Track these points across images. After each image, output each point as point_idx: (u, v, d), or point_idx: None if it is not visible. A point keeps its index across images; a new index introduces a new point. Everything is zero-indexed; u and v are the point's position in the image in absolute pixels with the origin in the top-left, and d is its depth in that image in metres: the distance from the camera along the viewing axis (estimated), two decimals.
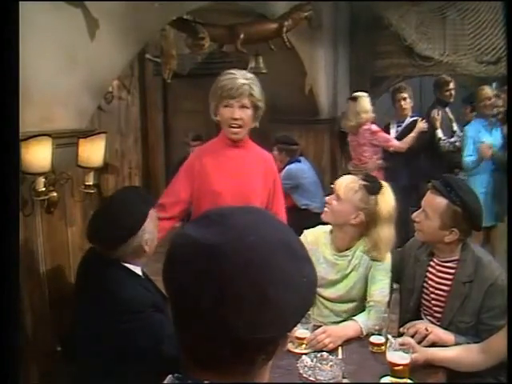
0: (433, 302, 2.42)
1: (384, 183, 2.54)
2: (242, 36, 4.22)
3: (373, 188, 2.49)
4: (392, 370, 1.94)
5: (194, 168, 2.77)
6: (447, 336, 2.25)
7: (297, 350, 2.16)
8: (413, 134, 5.11)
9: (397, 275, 2.60)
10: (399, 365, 1.92)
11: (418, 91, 8.17)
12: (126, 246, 2.08)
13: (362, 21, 6.83)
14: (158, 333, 1.98)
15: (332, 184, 2.63)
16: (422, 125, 5.15)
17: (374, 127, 5.17)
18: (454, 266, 2.36)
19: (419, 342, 2.19)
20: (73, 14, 2.50)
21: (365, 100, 5.19)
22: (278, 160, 5.91)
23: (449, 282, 2.36)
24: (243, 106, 2.63)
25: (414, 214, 2.44)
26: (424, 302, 2.46)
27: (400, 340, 2.04)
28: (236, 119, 2.64)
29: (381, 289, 2.46)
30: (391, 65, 6.94)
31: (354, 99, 5.22)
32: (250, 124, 2.71)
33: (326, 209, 2.57)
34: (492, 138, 4.87)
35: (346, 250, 2.56)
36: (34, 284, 2.46)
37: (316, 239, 2.63)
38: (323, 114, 6.51)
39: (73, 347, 2.20)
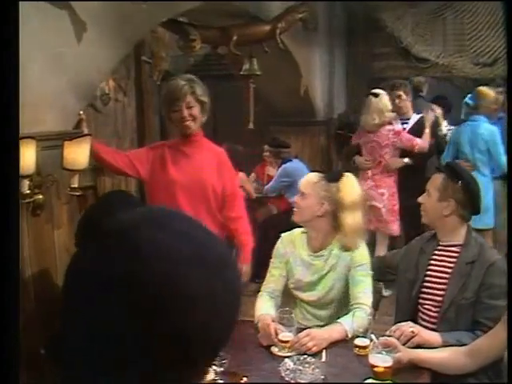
0: (435, 285, 2.46)
1: (346, 173, 2.57)
2: (234, 38, 4.22)
3: (331, 175, 2.54)
4: (373, 372, 1.93)
5: (156, 152, 3.03)
6: (433, 337, 2.26)
7: (280, 353, 2.16)
8: (427, 130, 4.95)
9: (396, 270, 2.66)
10: (381, 367, 1.91)
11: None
12: None
13: (359, 23, 6.84)
14: None
15: None
16: (430, 117, 5.01)
17: (398, 127, 4.99)
18: (458, 250, 2.44)
19: (404, 344, 2.19)
20: (60, 16, 2.50)
21: (385, 98, 4.94)
22: (271, 162, 5.92)
23: (452, 265, 2.43)
24: (189, 106, 2.90)
25: (419, 197, 2.56)
26: (425, 289, 2.49)
27: (383, 340, 2.04)
28: (185, 117, 2.91)
29: (363, 290, 2.46)
30: (388, 66, 6.95)
31: (376, 96, 4.94)
32: (200, 118, 2.98)
33: (294, 210, 2.59)
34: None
35: (322, 249, 2.56)
36: (20, 286, 2.45)
37: (292, 241, 2.64)
38: (319, 115, 6.51)
39: (60, 349, 2.19)
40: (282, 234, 2.72)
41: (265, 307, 2.49)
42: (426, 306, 2.49)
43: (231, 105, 6.64)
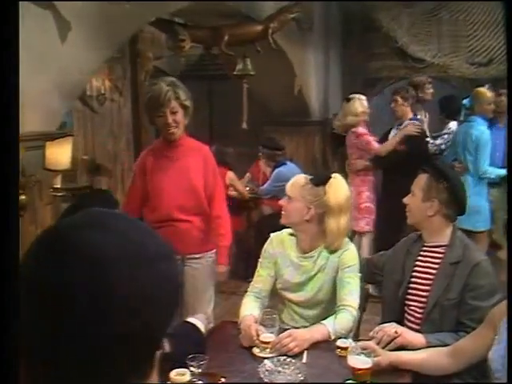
0: (420, 286, 2.44)
1: (335, 175, 2.54)
2: (226, 38, 4.21)
3: (318, 179, 2.50)
4: (353, 373, 1.92)
5: (144, 168, 3.05)
6: (417, 338, 2.25)
7: (261, 355, 2.15)
8: (395, 138, 4.96)
9: (382, 271, 2.64)
10: (359, 369, 1.90)
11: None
12: None
13: (355, 23, 6.84)
14: None
15: None
16: (409, 128, 4.97)
17: (361, 130, 5.07)
18: (443, 251, 2.42)
19: (387, 345, 2.18)
20: (43, 15, 2.49)
21: (357, 102, 5.08)
22: (264, 165, 5.91)
23: (436, 266, 2.41)
24: (173, 111, 2.91)
25: (404, 198, 2.55)
26: (410, 290, 2.48)
27: (361, 344, 2.03)
28: (169, 124, 2.91)
29: (350, 292, 2.44)
30: (384, 66, 6.96)
31: (348, 100, 5.16)
32: (183, 122, 3.00)
33: (282, 212, 2.58)
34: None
35: (311, 250, 2.54)
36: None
37: (282, 242, 2.62)
38: (314, 115, 6.50)
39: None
40: (272, 235, 2.70)
41: (249, 308, 2.48)
42: (412, 307, 2.48)
43: (227, 105, 6.64)
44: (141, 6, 2.92)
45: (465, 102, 5.05)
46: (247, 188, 5.88)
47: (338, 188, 2.50)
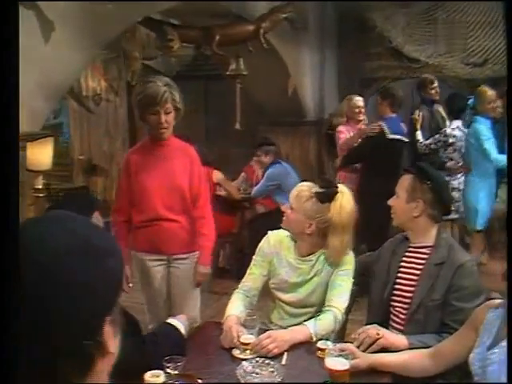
0: (405, 287, 2.43)
1: (342, 188, 2.46)
2: (217, 38, 4.20)
3: (324, 195, 2.42)
4: (330, 375, 1.91)
5: (130, 168, 3.07)
6: (399, 340, 2.24)
7: (241, 356, 2.13)
8: (352, 137, 5.09)
9: (369, 272, 2.63)
10: (337, 371, 1.89)
11: (410, 93, 8.15)
12: None
13: (350, 22, 6.81)
14: None
15: None
16: (364, 128, 5.08)
17: (340, 128, 5.27)
18: (428, 251, 2.41)
19: (369, 347, 2.17)
20: (27, 15, 2.48)
21: (344, 103, 5.30)
22: (260, 163, 5.88)
23: (421, 266, 2.40)
24: (167, 112, 2.95)
25: (389, 200, 2.53)
26: (395, 291, 2.47)
27: (340, 346, 2.02)
28: (162, 123, 2.95)
29: (339, 294, 2.42)
30: (380, 66, 6.94)
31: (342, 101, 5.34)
32: (172, 123, 3.04)
33: (284, 217, 2.55)
34: (494, 139, 4.75)
35: (310, 255, 2.52)
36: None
37: (279, 242, 2.59)
38: (309, 115, 6.49)
39: None
40: (269, 233, 2.66)
41: (235, 307, 2.45)
42: (397, 308, 2.47)
43: (223, 105, 6.63)
44: (127, 6, 2.92)
45: (470, 101, 5.07)
46: (240, 188, 5.87)
47: (344, 205, 2.41)
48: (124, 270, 0.93)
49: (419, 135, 5.21)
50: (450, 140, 5.07)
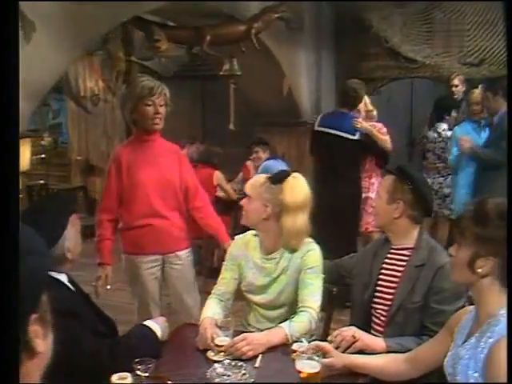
0: (385, 289, 2.42)
1: (295, 174, 2.52)
2: (208, 38, 4.20)
3: (275, 177, 2.49)
4: (300, 377, 1.90)
5: (121, 164, 3.09)
6: (377, 343, 2.23)
7: (215, 358, 2.12)
8: None
9: (351, 274, 2.62)
10: (307, 373, 1.88)
11: (409, 93, 8.13)
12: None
13: (347, 23, 6.79)
14: (72, 344, 1.95)
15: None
16: None
17: None
18: (409, 253, 2.40)
19: (345, 350, 2.15)
20: None
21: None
22: (258, 160, 5.87)
23: (402, 268, 2.39)
24: (161, 104, 3.07)
25: (372, 200, 2.49)
26: (377, 293, 2.46)
27: (314, 344, 2.01)
28: (159, 113, 3.05)
29: (311, 293, 2.41)
30: (377, 67, 6.91)
31: None
32: (164, 118, 3.13)
33: (243, 212, 2.57)
34: (481, 141, 4.78)
35: (274, 251, 2.52)
36: None
37: (246, 244, 2.60)
38: (306, 116, 6.47)
39: None
40: (236, 237, 2.69)
41: (210, 310, 2.46)
42: (378, 310, 2.46)
43: (220, 105, 6.64)
44: (112, 7, 2.91)
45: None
46: (236, 189, 5.87)
47: (296, 186, 2.47)
48: (46, 269, 0.93)
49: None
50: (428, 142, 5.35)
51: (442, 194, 5.36)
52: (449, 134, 5.27)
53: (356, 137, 4.65)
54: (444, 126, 5.42)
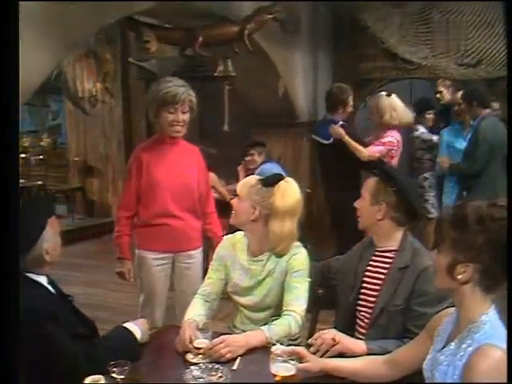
0: (369, 291, 2.41)
1: (288, 179, 2.52)
2: (200, 39, 4.19)
3: (267, 180, 2.49)
4: (275, 381, 1.89)
5: (141, 163, 3.15)
6: (357, 345, 2.21)
7: (194, 360, 2.12)
8: None
9: (337, 275, 2.61)
10: (282, 376, 1.87)
11: (408, 93, 8.10)
12: (26, 256, 2.06)
13: (345, 23, 6.77)
14: (49, 345, 1.94)
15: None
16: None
17: None
18: (393, 255, 2.39)
19: (325, 353, 2.14)
20: None
21: None
22: (253, 162, 5.85)
23: (386, 271, 2.38)
24: (184, 111, 3.10)
25: (355, 202, 2.52)
26: (361, 295, 2.45)
27: (288, 349, 2.00)
28: (179, 121, 3.10)
29: (296, 296, 2.40)
30: (375, 68, 6.89)
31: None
32: (187, 123, 3.17)
33: (232, 212, 2.56)
34: (465, 143, 4.85)
35: (260, 254, 2.51)
36: None
37: (233, 245, 2.60)
38: (302, 117, 6.45)
39: None
40: (224, 237, 2.69)
41: (193, 312, 2.45)
42: (362, 313, 2.45)
43: (218, 106, 6.63)
44: (100, 7, 2.91)
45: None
46: (231, 189, 5.86)
47: (287, 191, 2.46)
48: None
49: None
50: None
51: (430, 195, 5.41)
52: (425, 136, 5.45)
53: (329, 141, 4.73)
54: (421, 128, 5.51)
